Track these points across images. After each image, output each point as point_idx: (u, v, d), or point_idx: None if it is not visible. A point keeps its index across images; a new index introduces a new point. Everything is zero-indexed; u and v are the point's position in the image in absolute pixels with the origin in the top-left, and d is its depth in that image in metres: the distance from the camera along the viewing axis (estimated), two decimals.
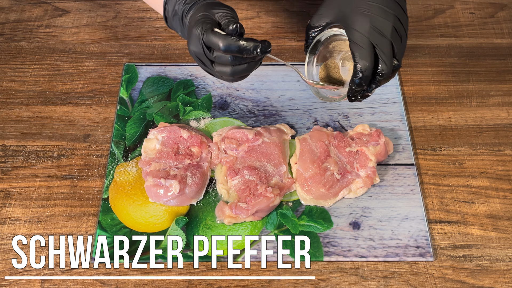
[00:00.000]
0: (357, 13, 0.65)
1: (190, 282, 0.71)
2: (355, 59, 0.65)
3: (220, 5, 0.67)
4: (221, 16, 0.65)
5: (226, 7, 0.67)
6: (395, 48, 0.66)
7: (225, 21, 0.64)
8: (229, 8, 0.67)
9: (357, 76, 0.65)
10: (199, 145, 0.80)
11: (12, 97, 0.90)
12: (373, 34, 0.64)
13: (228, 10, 0.66)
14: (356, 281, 0.71)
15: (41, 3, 1.05)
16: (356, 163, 0.79)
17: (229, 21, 0.63)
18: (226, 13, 0.65)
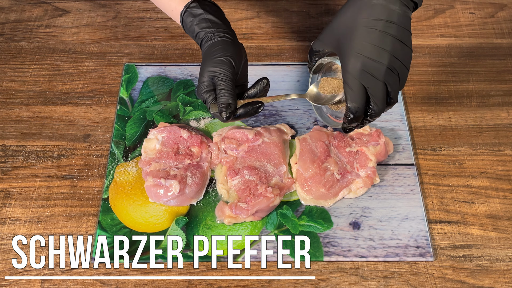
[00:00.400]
0: (351, 54, 0.68)
1: (190, 282, 0.71)
2: (346, 101, 0.68)
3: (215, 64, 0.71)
4: (217, 85, 0.70)
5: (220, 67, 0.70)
6: (389, 87, 0.68)
7: (219, 106, 0.70)
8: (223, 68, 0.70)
9: (348, 116, 0.69)
10: (199, 145, 0.80)
11: (12, 97, 0.90)
12: (364, 76, 0.67)
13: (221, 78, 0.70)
14: (356, 281, 0.71)
15: (41, 3, 1.05)
16: (356, 163, 0.79)
17: (220, 110, 0.69)
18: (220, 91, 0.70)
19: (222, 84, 0.69)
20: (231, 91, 0.69)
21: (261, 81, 0.72)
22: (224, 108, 0.69)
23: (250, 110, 0.71)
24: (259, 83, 0.72)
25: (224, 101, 0.69)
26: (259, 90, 0.72)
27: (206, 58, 0.72)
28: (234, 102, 0.69)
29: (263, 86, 0.72)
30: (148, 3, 1.05)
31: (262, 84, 0.72)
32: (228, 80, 0.69)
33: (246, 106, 0.71)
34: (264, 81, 0.72)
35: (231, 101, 0.69)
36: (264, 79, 0.72)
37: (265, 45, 0.98)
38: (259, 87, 0.72)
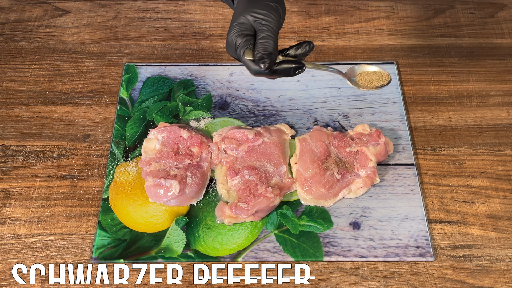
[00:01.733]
0: None
1: (190, 282, 0.71)
2: None
3: (264, 8, 0.65)
4: (259, 31, 0.64)
5: (268, 12, 0.65)
6: None
7: (258, 52, 0.63)
8: (272, 14, 0.65)
9: None
10: (199, 145, 0.80)
11: (12, 97, 0.90)
12: None
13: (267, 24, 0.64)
14: (356, 281, 0.71)
15: (41, 3, 1.05)
16: (356, 163, 0.79)
17: (261, 56, 0.63)
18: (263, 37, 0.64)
19: (269, 29, 0.63)
20: (276, 40, 0.63)
21: (306, 44, 0.66)
22: (266, 56, 0.62)
23: (290, 68, 0.65)
24: (303, 45, 0.66)
25: (267, 47, 0.62)
26: (305, 51, 0.67)
27: (251, 1, 0.65)
28: (276, 52, 0.63)
29: (306, 50, 0.66)
30: (148, 3, 1.05)
31: (306, 48, 0.66)
32: (275, 27, 0.63)
33: (287, 62, 0.65)
34: (311, 44, 0.66)
35: (273, 50, 0.62)
36: (309, 42, 0.67)
37: None
38: (302, 50, 0.66)
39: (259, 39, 0.63)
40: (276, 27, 0.64)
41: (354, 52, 0.96)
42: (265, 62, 0.62)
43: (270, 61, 0.62)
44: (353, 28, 1.00)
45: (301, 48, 0.66)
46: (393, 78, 0.91)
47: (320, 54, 0.96)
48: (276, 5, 0.65)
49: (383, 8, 1.04)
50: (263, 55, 0.62)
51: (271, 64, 0.63)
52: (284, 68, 0.65)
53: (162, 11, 1.04)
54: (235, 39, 0.64)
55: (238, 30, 0.65)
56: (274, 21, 0.64)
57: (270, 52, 0.63)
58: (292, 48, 0.67)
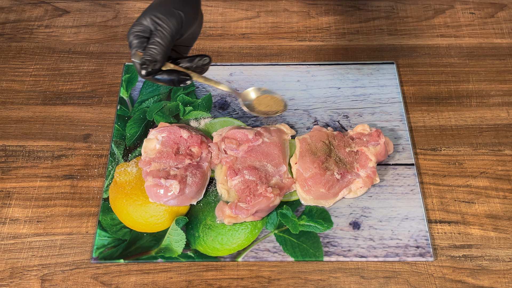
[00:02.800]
0: None
1: (190, 282, 0.71)
2: None
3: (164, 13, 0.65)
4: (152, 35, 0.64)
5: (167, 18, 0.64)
6: None
7: (143, 57, 0.63)
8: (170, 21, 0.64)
9: None
10: (199, 145, 0.80)
11: (12, 97, 0.90)
12: None
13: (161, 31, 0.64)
14: (356, 281, 0.71)
15: (41, 3, 1.05)
16: (356, 163, 0.79)
17: (144, 62, 0.63)
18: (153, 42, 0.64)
19: (160, 35, 0.62)
20: (165, 48, 0.62)
21: (203, 57, 0.66)
22: (148, 62, 0.62)
23: (174, 78, 0.64)
24: (201, 58, 0.66)
25: (153, 54, 0.62)
26: (197, 65, 0.66)
27: (158, 3, 0.65)
28: (162, 62, 0.63)
29: (202, 63, 0.66)
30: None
31: (203, 61, 0.66)
32: (168, 35, 0.63)
33: (173, 72, 0.64)
34: (206, 59, 0.66)
35: (159, 58, 0.62)
36: (207, 57, 0.66)
37: (265, 45, 0.98)
38: (198, 62, 0.66)
39: (149, 44, 0.63)
40: (170, 35, 0.63)
41: (354, 52, 0.96)
42: (146, 69, 0.62)
43: (153, 69, 0.62)
44: (353, 28, 1.00)
45: (194, 61, 0.66)
46: (393, 78, 0.91)
47: (320, 54, 0.96)
48: (179, 13, 0.64)
49: (383, 8, 1.04)
50: (147, 61, 0.62)
51: (152, 71, 0.63)
52: (167, 79, 0.64)
53: None
54: (132, 39, 0.64)
55: (136, 30, 0.64)
56: (170, 28, 0.63)
57: (156, 59, 0.62)
58: (184, 59, 0.66)
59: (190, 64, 0.66)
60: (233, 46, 0.97)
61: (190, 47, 0.70)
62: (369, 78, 0.91)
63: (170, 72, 0.65)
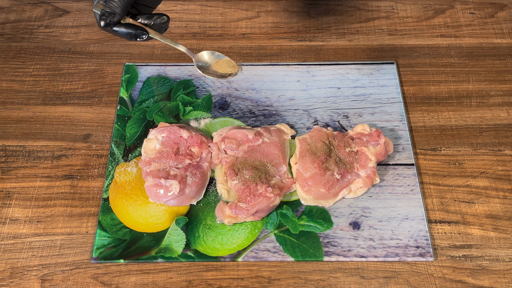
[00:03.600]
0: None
1: (190, 282, 0.71)
2: None
3: None
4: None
5: None
6: None
7: (103, 9, 0.65)
8: None
9: None
10: (199, 145, 0.80)
11: (12, 97, 0.90)
12: None
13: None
14: (356, 281, 0.71)
15: (41, 3, 1.05)
16: (356, 163, 0.79)
17: (103, 13, 0.65)
18: None
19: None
20: (125, 3, 0.65)
21: (161, 16, 0.68)
22: (107, 15, 0.64)
23: (131, 32, 0.67)
24: (159, 16, 0.68)
25: (112, 6, 0.64)
26: (155, 22, 0.68)
27: None
28: (121, 14, 0.65)
29: (160, 21, 0.68)
30: None
31: (161, 19, 0.68)
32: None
33: (130, 26, 0.67)
34: (164, 18, 0.68)
35: (118, 11, 0.64)
36: (165, 15, 0.69)
37: (265, 45, 0.98)
38: (156, 20, 0.68)
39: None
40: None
41: (354, 52, 0.96)
42: (105, 20, 0.64)
43: (110, 21, 0.64)
44: (353, 28, 1.00)
45: (152, 19, 0.68)
46: (393, 78, 0.91)
47: (320, 54, 0.96)
48: None
49: (383, 8, 1.04)
50: (106, 12, 0.65)
51: (110, 24, 0.65)
52: (125, 32, 0.66)
53: (162, 11, 1.04)
54: None
55: None
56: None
57: (114, 12, 0.65)
58: (142, 16, 0.69)
59: (149, 21, 0.68)
60: (233, 46, 0.98)
61: (153, 8, 0.72)
62: (369, 78, 0.91)
63: (128, 25, 0.67)
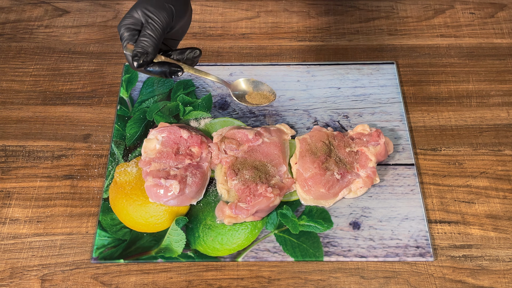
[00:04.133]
0: None
1: (190, 282, 0.71)
2: None
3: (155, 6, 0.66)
4: (143, 28, 0.66)
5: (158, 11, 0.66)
6: None
7: (135, 49, 0.65)
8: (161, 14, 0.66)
9: None
10: (199, 145, 0.80)
11: (12, 97, 0.90)
12: None
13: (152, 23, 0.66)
14: (356, 281, 0.71)
15: (41, 3, 1.05)
16: (356, 163, 0.79)
17: (135, 54, 0.65)
18: (144, 35, 0.65)
19: (151, 29, 0.65)
20: (156, 41, 0.65)
21: (194, 50, 0.68)
22: (140, 54, 0.64)
23: (165, 70, 0.67)
24: (191, 50, 0.68)
25: (144, 46, 0.64)
26: (187, 57, 0.69)
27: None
28: (154, 54, 0.65)
29: (193, 55, 0.68)
30: None
31: (193, 54, 0.68)
32: (160, 28, 0.65)
33: (164, 64, 0.67)
34: (197, 51, 0.68)
35: (150, 50, 0.64)
36: (197, 49, 0.69)
37: (265, 45, 0.98)
38: (189, 54, 0.68)
39: (140, 36, 0.65)
40: (161, 28, 0.65)
41: (354, 52, 0.96)
42: (138, 60, 0.64)
43: (144, 61, 0.64)
44: (353, 28, 1.00)
45: (184, 54, 0.69)
46: (393, 78, 0.91)
47: (320, 54, 0.96)
48: (169, 6, 0.66)
49: (383, 8, 1.04)
50: (138, 53, 0.64)
51: (144, 63, 0.64)
52: (159, 71, 0.66)
53: None
54: (123, 31, 0.66)
55: (127, 22, 0.66)
56: (161, 22, 0.65)
57: (147, 51, 0.65)
58: (175, 51, 0.68)
59: (181, 56, 0.68)
60: (233, 46, 0.98)
61: (179, 41, 0.72)
62: (369, 78, 0.91)
63: (162, 64, 0.67)
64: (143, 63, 0.65)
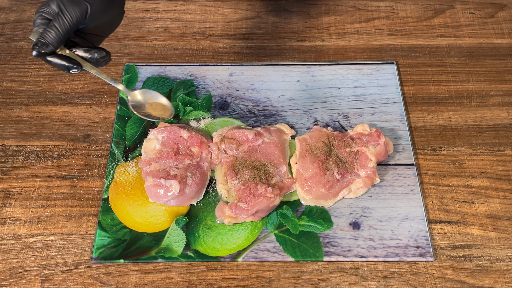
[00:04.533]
0: None
1: (190, 282, 0.71)
2: None
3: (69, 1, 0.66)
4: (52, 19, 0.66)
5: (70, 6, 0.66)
6: None
7: (37, 38, 0.65)
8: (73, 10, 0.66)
9: None
10: (199, 145, 0.80)
11: (12, 97, 0.90)
12: None
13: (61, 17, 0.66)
14: (356, 281, 0.71)
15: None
16: (356, 163, 0.79)
17: (36, 42, 0.65)
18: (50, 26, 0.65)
19: (59, 22, 0.65)
20: (61, 34, 0.65)
21: (100, 51, 0.68)
22: (40, 44, 0.64)
23: (63, 64, 0.66)
24: (98, 51, 0.68)
25: (46, 37, 0.64)
26: (92, 56, 0.68)
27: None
28: (56, 46, 0.65)
29: (98, 56, 0.68)
30: (148, 3, 1.05)
31: (99, 54, 0.68)
32: (68, 23, 0.65)
33: (64, 58, 0.66)
34: (103, 53, 0.68)
35: (52, 42, 0.64)
36: (104, 51, 0.68)
37: (265, 45, 0.98)
38: (94, 54, 0.68)
39: (47, 27, 0.65)
40: (70, 23, 0.65)
41: (354, 52, 0.96)
42: (36, 49, 0.64)
43: (42, 52, 0.64)
44: (353, 28, 1.00)
45: (90, 53, 0.68)
46: (393, 78, 0.91)
47: (320, 54, 0.96)
48: (85, 4, 0.66)
49: (383, 8, 1.04)
50: (39, 42, 0.64)
51: (42, 54, 0.65)
52: (58, 63, 0.66)
53: (162, 11, 1.04)
54: (36, 17, 0.67)
55: (42, 10, 0.66)
56: (72, 17, 0.65)
57: (47, 42, 0.64)
58: (81, 48, 0.68)
59: (86, 54, 0.68)
60: (233, 46, 0.98)
61: (103, 37, 0.72)
62: (369, 78, 0.91)
63: (63, 57, 0.66)
64: (40, 54, 0.65)
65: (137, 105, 0.76)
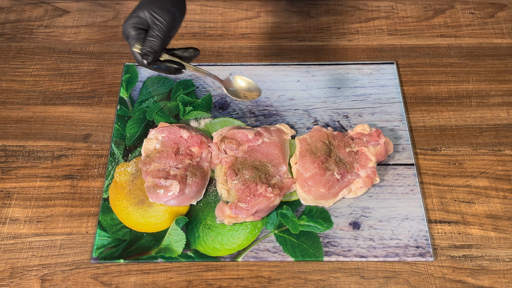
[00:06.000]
0: None
1: (190, 282, 0.71)
2: None
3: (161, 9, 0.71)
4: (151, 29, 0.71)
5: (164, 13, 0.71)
6: None
7: (144, 48, 0.70)
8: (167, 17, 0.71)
9: None
10: (199, 145, 0.80)
11: (12, 97, 0.90)
12: None
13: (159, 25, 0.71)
14: (356, 281, 0.71)
15: (41, 3, 1.05)
16: (356, 163, 0.79)
17: (145, 52, 0.70)
18: (152, 35, 0.71)
19: (159, 29, 0.70)
20: (163, 41, 0.70)
21: (192, 50, 0.74)
22: (149, 53, 0.70)
23: (170, 68, 0.73)
24: (189, 50, 0.74)
25: (153, 46, 0.70)
26: (191, 55, 0.74)
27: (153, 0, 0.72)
28: (161, 52, 0.71)
29: (192, 54, 0.74)
30: None
31: (196, 52, 0.74)
32: (166, 29, 0.70)
33: (169, 62, 0.73)
34: (197, 50, 0.74)
35: (158, 49, 0.70)
36: (195, 49, 0.74)
37: (265, 45, 0.98)
38: (189, 54, 0.74)
39: (148, 36, 0.70)
40: (167, 29, 0.71)
41: (354, 52, 0.96)
42: (148, 58, 0.70)
43: (153, 58, 0.70)
44: (353, 28, 1.00)
45: (187, 52, 0.74)
46: (393, 78, 0.91)
47: (320, 54, 0.96)
48: (173, 10, 0.72)
49: (383, 8, 1.04)
50: (148, 52, 0.70)
51: (153, 62, 0.70)
52: (166, 67, 0.73)
53: None
54: (129, 30, 0.71)
55: (134, 22, 0.71)
56: (167, 23, 0.71)
57: (155, 50, 0.70)
58: (179, 50, 0.74)
59: (185, 54, 0.74)
60: (233, 46, 0.98)
61: (171, 38, 0.76)
62: (369, 78, 0.91)
63: (167, 62, 0.72)
64: (152, 61, 0.70)
65: (233, 90, 0.80)
